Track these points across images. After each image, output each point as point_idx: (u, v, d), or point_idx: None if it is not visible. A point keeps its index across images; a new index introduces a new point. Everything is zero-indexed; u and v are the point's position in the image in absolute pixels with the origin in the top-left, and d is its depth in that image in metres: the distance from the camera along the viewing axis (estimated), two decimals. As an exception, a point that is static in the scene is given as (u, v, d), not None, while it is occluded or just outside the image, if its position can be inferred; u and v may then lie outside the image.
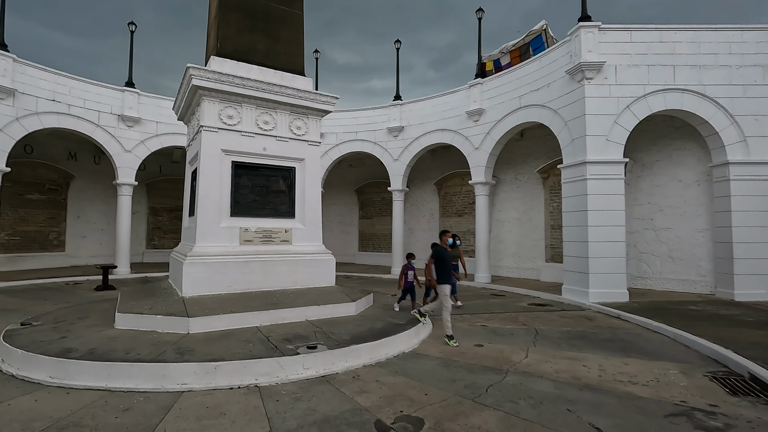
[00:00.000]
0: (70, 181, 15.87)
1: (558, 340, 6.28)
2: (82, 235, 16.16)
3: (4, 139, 11.22)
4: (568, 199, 9.95)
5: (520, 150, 13.93)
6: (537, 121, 11.01)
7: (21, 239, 14.34)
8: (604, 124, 9.27)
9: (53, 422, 3.40)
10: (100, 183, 16.31)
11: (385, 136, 15.04)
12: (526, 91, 11.26)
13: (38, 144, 14.52)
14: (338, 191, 19.37)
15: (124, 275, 13.25)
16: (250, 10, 6.99)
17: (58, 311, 6.96)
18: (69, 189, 15.88)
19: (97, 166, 16.43)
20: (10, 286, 10.93)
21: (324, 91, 7.49)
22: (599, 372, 4.83)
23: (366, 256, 18.63)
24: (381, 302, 7.81)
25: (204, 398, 3.94)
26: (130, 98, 13.72)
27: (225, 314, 5.49)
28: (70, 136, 14.01)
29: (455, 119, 13.40)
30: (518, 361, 5.21)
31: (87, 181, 16.26)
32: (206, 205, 6.34)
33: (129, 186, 13.82)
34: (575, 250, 9.58)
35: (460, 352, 5.56)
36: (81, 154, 16.02)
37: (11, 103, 11.34)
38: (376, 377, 4.58)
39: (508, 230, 14.11)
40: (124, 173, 13.70)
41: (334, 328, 5.71)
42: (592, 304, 8.81)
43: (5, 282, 11.19)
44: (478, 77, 12.92)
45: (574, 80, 9.67)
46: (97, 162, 16.43)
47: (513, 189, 14.16)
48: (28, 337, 5.08)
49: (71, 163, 15.93)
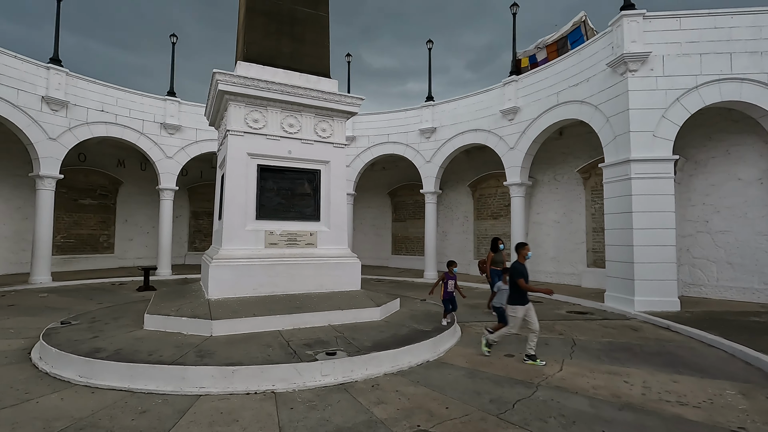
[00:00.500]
0: (119, 186, 16.79)
1: (598, 352, 5.82)
2: (129, 237, 17.04)
3: (58, 148, 12.00)
4: (610, 200, 9.32)
5: (559, 149, 13.27)
6: (576, 118, 10.42)
7: (75, 242, 15.30)
8: (651, 119, 8.60)
9: (73, 422, 3.45)
10: (145, 188, 17.13)
11: (417, 137, 14.82)
12: (564, 87, 10.70)
13: (90, 152, 15.46)
14: (371, 194, 19.32)
15: (166, 276, 13.79)
16: (275, 14, 7.03)
17: (98, 311, 7.28)
18: (118, 194, 16.80)
19: (143, 173, 17.28)
20: (63, 285, 11.63)
21: (356, 95, 7.41)
22: (643, 390, 4.38)
23: (399, 259, 18.43)
24: (409, 307, 7.59)
25: (220, 403, 3.90)
26: (171, 107, 14.33)
27: (248, 317, 5.48)
28: (118, 144, 14.82)
29: (489, 119, 12.97)
30: (551, 374, 4.84)
31: (134, 187, 17.13)
32: (232, 208, 6.40)
33: (170, 191, 14.41)
34: (619, 255, 8.94)
35: (488, 363, 5.26)
36: (129, 161, 16.91)
37: (64, 114, 12.12)
38: (396, 387, 4.38)
39: (546, 233, 13.46)
40: (166, 179, 14.31)
41: (357, 333, 5.56)
42: (638, 313, 8.17)
43: (59, 282, 11.93)
44: (512, 74, 12.46)
45: (616, 73, 9.06)
46: (143, 168, 17.28)
47: (551, 190, 13.51)
48: (64, 336, 5.29)
49: (120, 169, 16.85)
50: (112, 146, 15.52)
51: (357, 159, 15.73)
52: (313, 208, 6.99)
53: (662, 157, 8.53)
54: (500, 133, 12.65)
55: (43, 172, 11.63)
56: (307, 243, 6.85)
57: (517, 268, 5.39)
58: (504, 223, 14.31)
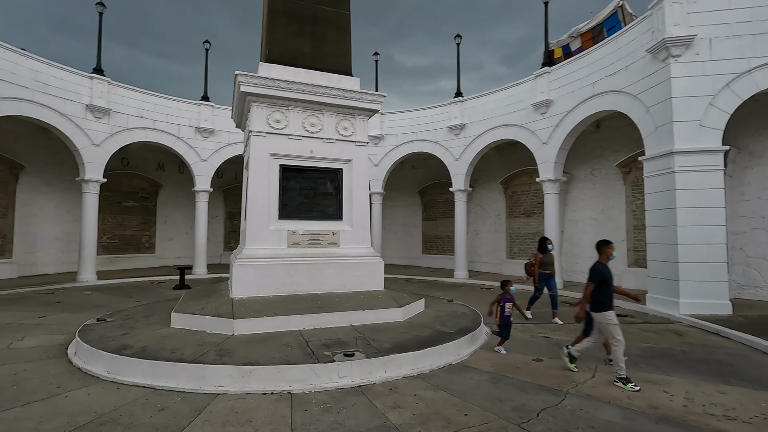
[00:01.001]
0: (159, 189, 17.54)
1: (636, 358, 5.42)
2: (169, 238, 17.76)
3: (101, 153, 12.65)
4: (651, 195, 8.73)
5: (596, 143, 12.63)
6: (613, 109, 9.84)
7: (119, 242, 16.12)
8: (696, 108, 7.97)
9: (95, 417, 3.55)
10: (184, 191, 17.79)
11: (445, 134, 14.54)
12: (600, 77, 10.13)
13: (132, 157, 16.23)
14: (401, 193, 19.18)
15: (201, 275, 14.25)
16: (296, 14, 7.05)
17: (133, 308, 7.57)
18: (158, 197, 17.56)
19: (181, 176, 17.95)
20: (107, 284, 12.25)
21: (386, 93, 7.32)
22: (685, 401, 4.02)
23: (430, 258, 18.19)
24: (434, 308, 7.41)
25: (236, 402, 3.91)
26: (205, 111, 14.80)
27: (269, 317, 5.50)
28: (157, 149, 15.48)
29: (520, 113, 12.52)
30: (582, 381, 4.54)
31: (173, 189, 17.84)
32: (255, 208, 6.47)
33: (205, 192, 14.89)
34: (661, 254, 8.35)
35: (514, 367, 5.01)
36: (168, 164, 17.63)
37: (107, 121, 12.77)
38: (415, 391, 4.24)
39: (583, 231, 12.84)
40: (201, 181, 14.80)
41: (377, 334, 5.46)
42: (683, 316, 7.59)
43: (103, 280, 12.58)
44: (545, 66, 11.95)
45: (657, 60, 8.46)
46: (181, 172, 17.94)
47: (588, 186, 12.88)
48: (97, 333, 5.51)
49: (160, 173, 17.60)
50: (152, 151, 16.23)
51: (385, 158, 15.64)
52: (336, 208, 6.95)
53: (710, 148, 7.88)
54: (532, 127, 12.18)
55: (87, 176, 12.31)
56: (330, 242, 6.82)
57: (599, 269, 4.73)
58: (537, 221, 13.78)
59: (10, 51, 10.69)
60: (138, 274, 14.03)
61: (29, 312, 8.04)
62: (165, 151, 15.57)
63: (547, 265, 7.89)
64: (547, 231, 11.85)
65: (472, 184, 15.38)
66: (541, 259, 7.90)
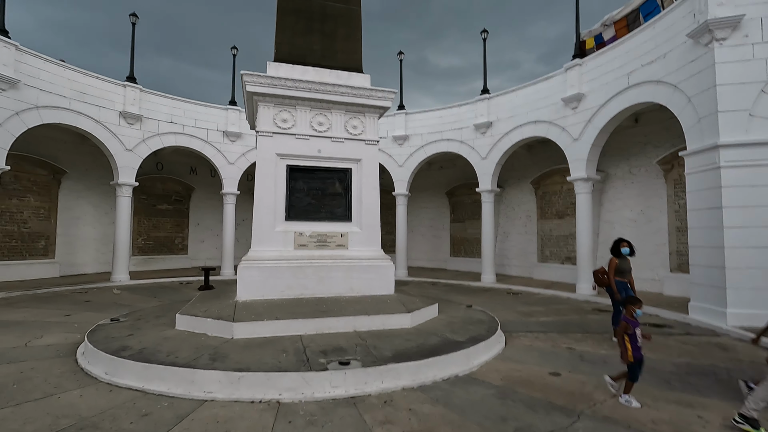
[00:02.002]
0: (191, 192, 18.09)
1: (669, 375, 4.84)
2: (201, 239, 18.27)
3: (134, 157, 13.15)
4: (694, 193, 7.93)
5: (634, 138, 11.76)
6: (650, 101, 9.07)
7: (153, 243, 16.73)
8: (745, 96, 7.15)
9: (77, 421, 3.50)
10: (215, 194, 18.18)
11: (471, 133, 14.04)
12: (636, 67, 9.37)
13: (166, 161, 16.84)
14: (428, 194, 18.80)
15: (228, 276, 14.49)
16: (305, 12, 6.93)
17: (150, 308, 7.70)
18: (190, 200, 18.11)
19: (212, 179, 18.40)
20: (138, 284, 12.67)
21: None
22: (722, 429, 3.47)
23: (458, 261, 17.67)
24: (449, 314, 7.03)
25: (221, 410, 3.75)
26: (232, 115, 15.09)
27: (270, 320, 5.36)
28: (189, 153, 15.93)
29: (550, 108, 11.85)
30: (602, 400, 4.05)
31: (205, 192, 18.35)
32: (262, 209, 6.37)
33: (233, 195, 15.17)
34: (706, 259, 7.56)
35: (526, 381, 4.58)
36: (200, 168, 18.14)
37: (139, 127, 13.26)
38: (411, 404, 3.93)
39: (620, 233, 11.92)
40: (228, 183, 15.09)
41: (380, 341, 5.18)
42: (731, 328, 6.80)
43: (136, 280, 13.03)
44: (576, 58, 11.24)
45: (699, 44, 7.69)
46: (213, 175, 18.36)
47: (626, 185, 12.00)
48: (105, 333, 5.57)
49: (192, 176, 18.15)
50: (184, 155, 16.74)
51: (410, 158, 15.32)
52: (344, 209, 6.75)
53: (762, 141, 7.03)
54: (562, 123, 11.49)
55: (121, 180, 12.81)
56: (338, 244, 6.62)
57: None
58: (570, 223, 12.98)
59: (51, 62, 11.30)
60: (169, 275, 14.46)
61: (57, 310, 8.37)
62: (196, 156, 15.99)
63: (624, 272, 6.42)
64: (579, 233, 11.12)
65: (501, 185, 14.80)
66: (617, 265, 6.41)
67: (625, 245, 6.49)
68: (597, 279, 6.63)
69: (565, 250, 13.28)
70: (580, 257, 11.11)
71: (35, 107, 10.78)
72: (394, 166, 15.53)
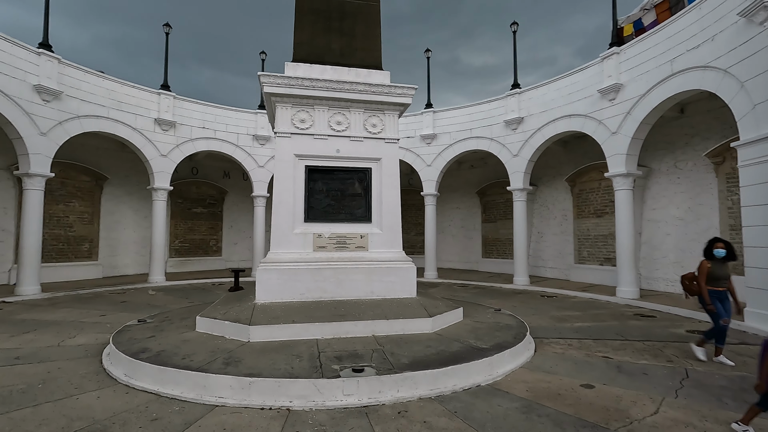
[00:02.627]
0: (225, 196, 18.54)
1: (719, 390, 4.34)
2: (234, 242, 18.69)
3: (168, 163, 13.60)
4: (748, 188, 7.21)
5: (680, 130, 10.92)
6: (696, 88, 8.34)
7: (189, 246, 17.28)
8: (809, 78, 6.41)
9: (90, 424, 3.50)
10: (246, 197, 18.52)
11: (502, 130, 13.55)
12: (680, 52, 8.66)
13: (200, 166, 17.35)
14: (459, 194, 18.36)
15: (259, 278, 14.70)
16: (323, 11, 6.83)
17: (177, 310, 7.84)
18: (224, 203, 18.57)
19: (244, 182, 18.75)
20: (172, 285, 13.07)
21: (408, 84, 6.81)
22: (783, 457, 3.02)
23: (490, 263, 17.12)
24: (475, 319, 6.71)
25: (230, 417, 3.67)
26: (261, 119, 15.34)
27: (287, 324, 5.27)
28: (222, 158, 16.35)
29: (585, 101, 11.21)
30: (639, 418, 3.66)
31: (238, 196, 18.77)
32: (280, 211, 6.32)
33: (262, 198, 15.41)
34: (764, 260, 6.85)
35: (555, 394, 4.22)
36: (233, 172, 18.58)
37: (173, 133, 13.70)
38: (427, 416, 3.69)
39: (665, 232, 11.15)
40: (258, 186, 15.34)
41: (399, 347, 4.96)
42: (794, 338, 6.07)
43: (171, 281, 13.46)
44: (613, 46, 10.57)
45: (752, 23, 6.98)
46: (245, 179, 18.67)
47: (671, 180, 11.16)
48: (129, 334, 5.67)
49: (225, 180, 18.61)
50: (217, 160, 17.20)
51: (438, 158, 14.98)
52: (364, 209, 6.58)
53: (830, 127, 6.27)
54: (599, 116, 10.83)
55: (156, 184, 13.28)
56: (358, 246, 6.46)
57: None
58: (609, 222, 12.24)
59: (90, 74, 11.86)
60: (203, 276, 14.86)
61: (94, 310, 8.71)
62: (229, 160, 16.39)
63: (720, 279, 5.31)
64: (618, 232, 10.43)
65: (535, 183, 14.21)
66: (710, 270, 5.32)
67: (720, 246, 5.37)
68: (685, 286, 5.61)
69: (604, 250, 12.54)
70: (620, 258, 10.41)
71: (77, 117, 11.34)
72: (422, 165, 15.24)
